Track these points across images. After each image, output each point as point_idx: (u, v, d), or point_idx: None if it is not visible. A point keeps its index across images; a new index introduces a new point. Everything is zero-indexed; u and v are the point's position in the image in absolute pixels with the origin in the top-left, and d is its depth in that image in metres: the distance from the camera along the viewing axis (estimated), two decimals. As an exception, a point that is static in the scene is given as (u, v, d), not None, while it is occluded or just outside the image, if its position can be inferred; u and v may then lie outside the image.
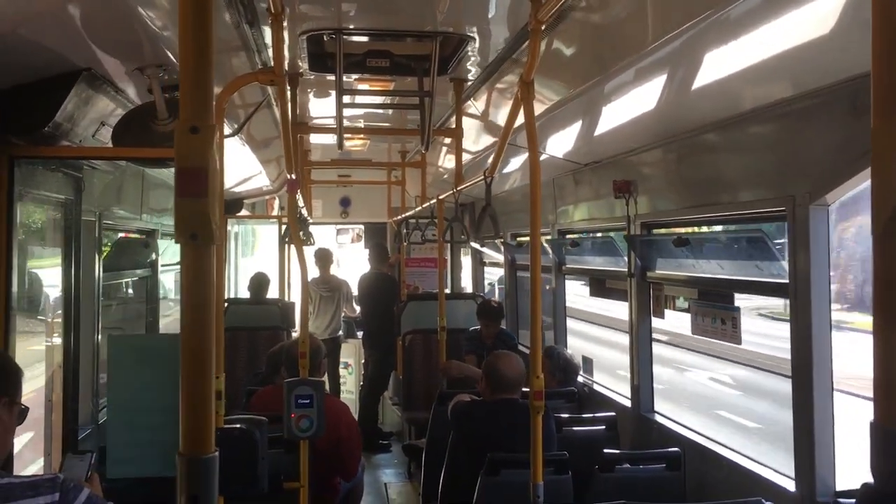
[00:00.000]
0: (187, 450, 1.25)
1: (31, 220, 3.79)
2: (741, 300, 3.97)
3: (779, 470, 3.56)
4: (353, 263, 12.28)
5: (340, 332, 9.44)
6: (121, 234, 5.52)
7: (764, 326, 13.01)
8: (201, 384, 1.23)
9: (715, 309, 3.98)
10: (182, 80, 1.21)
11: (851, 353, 3.91)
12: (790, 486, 3.34)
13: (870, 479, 1.22)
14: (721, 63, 3.15)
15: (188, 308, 1.23)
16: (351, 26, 3.79)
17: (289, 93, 4.37)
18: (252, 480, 3.15)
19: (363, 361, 9.32)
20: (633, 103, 3.94)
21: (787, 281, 3.33)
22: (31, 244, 3.82)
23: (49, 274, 4.10)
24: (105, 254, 4.77)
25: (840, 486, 3.17)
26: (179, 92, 1.22)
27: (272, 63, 3.67)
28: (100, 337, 4.50)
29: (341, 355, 9.60)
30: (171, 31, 2.93)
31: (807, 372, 3.19)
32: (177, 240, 1.21)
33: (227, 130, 4.10)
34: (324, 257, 9.41)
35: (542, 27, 2.94)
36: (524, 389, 5.06)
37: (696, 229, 4.44)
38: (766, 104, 3.34)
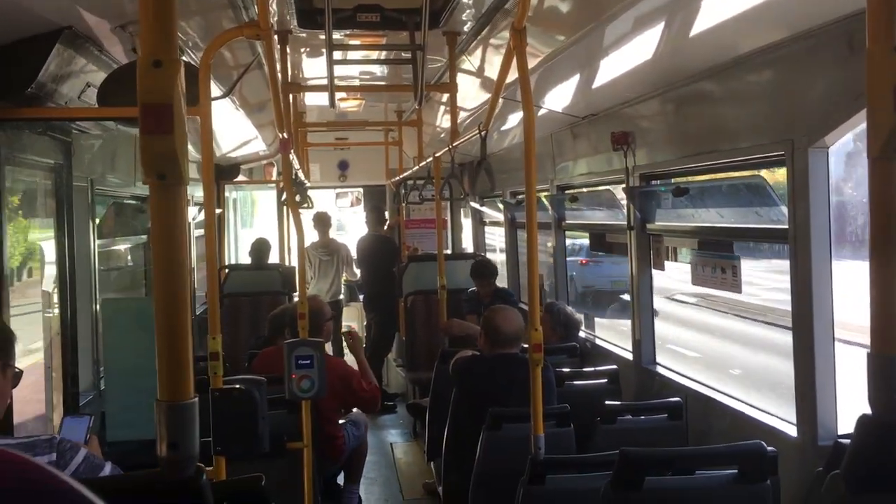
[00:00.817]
0: (165, 396, 1.22)
1: (22, 185, 3.74)
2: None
3: (781, 416, 3.55)
4: (356, 226, 12.21)
5: (342, 296, 9.44)
6: (115, 200, 5.47)
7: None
8: (176, 325, 1.20)
9: (715, 258, 3.94)
10: (141, 9, 1.16)
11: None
12: (792, 431, 3.34)
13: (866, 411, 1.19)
14: (717, 8, 3.09)
15: (159, 249, 1.19)
16: (339, -22, 3.71)
17: (278, 51, 4.30)
18: (252, 440, 3.14)
19: (365, 324, 9.33)
20: (630, 53, 3.87)
21: (786, 227, 3.29)
22: (23, 210, 3.79)
23: (41, 241, 4.08)
24: (99, 220, 4.74)
25: (842, 430, 3.17)
26: (140, 24, 1.17)
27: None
28: (97, 304, 4.48)
29: (343, 319, 9.61)
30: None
31: (807, 317, 3.17)
32: (145, 180, 1.17)
33: (217, 92, 4.03)
34: (322, 221, 9.38)
35: (534, -29, 2.87)
36: (524, 345, 5.06)
37: (694, 178, 4.38)
38: (762, 47, 3.27)
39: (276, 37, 4.01)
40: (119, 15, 3.02)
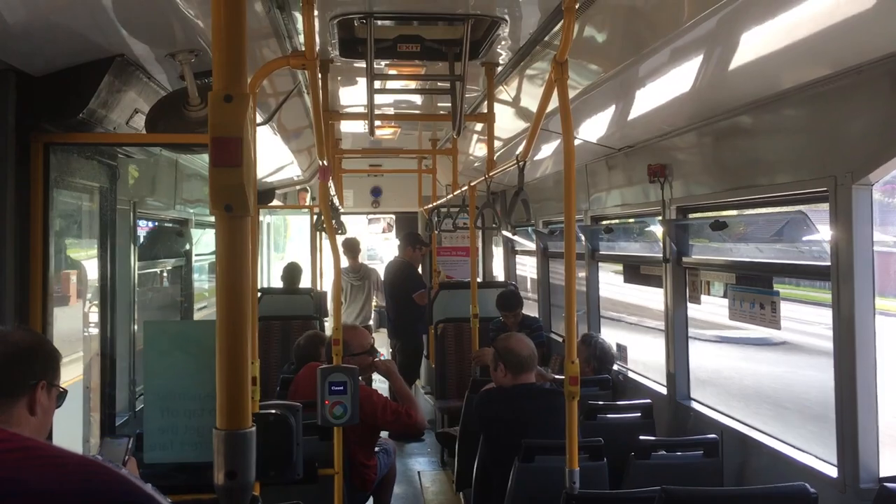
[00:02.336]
0: (224, 425, 1.23)
1: (68, 207, 3.82)
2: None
3: (820, 456, 3.49)
4: (389, 253, 12.26)
5: (371, 322, 9.48)
6: (155, 223, 5.56)
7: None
8: (238, 357, 1.22)
9: (753, 293, 3.90)
10: (214, 48, 1.19)
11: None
12: (832, 472, 3.27)
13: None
14: (758, 42, 3.08)
15: (224, 280, 1.21)
16: (381, 10, 3.76)
17: (319, 79, 4.36)
18: (288, 466, 3.15)
19: (390, 351, 9.34)
20: (667, 85, 3.87)
21: (828, 264, 3.25)
22: (68, 231, 3.86)
23: (85, 262, 4.15)
24: (140, 242, 4.81)
25: (884, 471, 3.10)
26: (212, 60, 1.20)
27: (303, 49, 3.68)
28: (136, 325, 4.54)
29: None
30: (202, 16, 2.93)
31: (850, 356, 3.12)
32: (211, 211, 1.20)
33: (258, 119, 4.10)
34: (352, 246, 9.45)
35: (576, 5, 2.89)
36: (559, 377, 5.03)
37: (732, 213, 4.36)
38: (805, 83, 3.26)
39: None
40: (169, 44, 3.09)
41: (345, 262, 9.29)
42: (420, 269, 9.22)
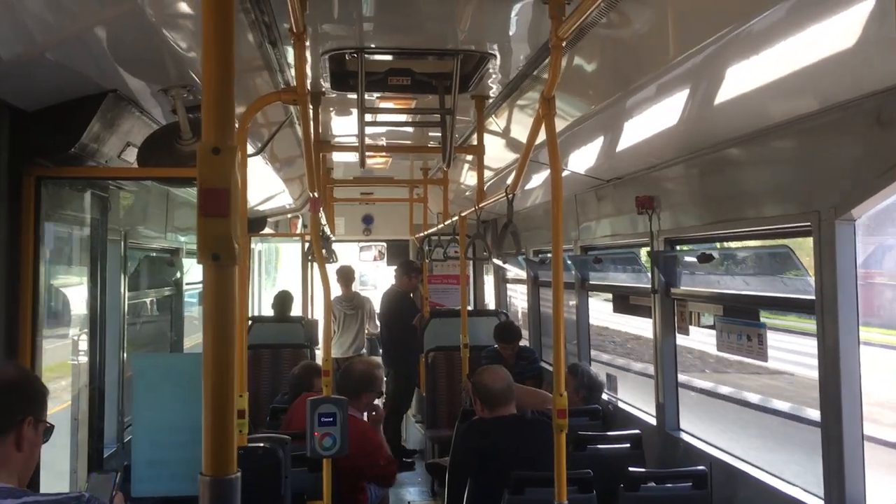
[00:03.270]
0: (209, 470, 1.25)
1: (58, 239, 3.83)
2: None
3: (807, 489, 3.50)
4: (382, 280, 12.23)
5: (364, 351, 9.46)
6: (146, 253, 5.57)
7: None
8: (223, 405, 1.23)
9: (740, 325, 3.93)
10: (204, 101, 1.22)
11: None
12: (819, 504, 3.29)
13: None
14: (744, 77, 3.13)
15: (210, 328, 1.23)
16: (373, 45, 3.82)
17: (311, 112, 4.41)
18: (275, 499, 3.15)
19: (385, 379, 9.31)
20: (655, 119, 3.92)
21: (813, 297, 3.29)
22: (58, 263, 3.87)
23: (75, 293, 4.15)
24: (130, 272, 4.82)
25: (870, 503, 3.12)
26: (202, 113, 1.23)
27: (294, 83, 3.72)
28: (125, 355, 4.53)
29: None
30: (196, 51, 2.96)
31: (835, 389, 3.14)
32: (199, 260, 1.22)
33: (250, 150, 4.13)
34: (346, 275, 9.45)
35: (563, 44, 2.94)
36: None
37: (720, 245, 4.40)
38: (790, 118, 3.31)
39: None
40: (162, 79, 3.13)
41: (338, 291, 9.30)
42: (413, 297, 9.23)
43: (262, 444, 3.19)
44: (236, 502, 1.26)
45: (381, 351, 9.57)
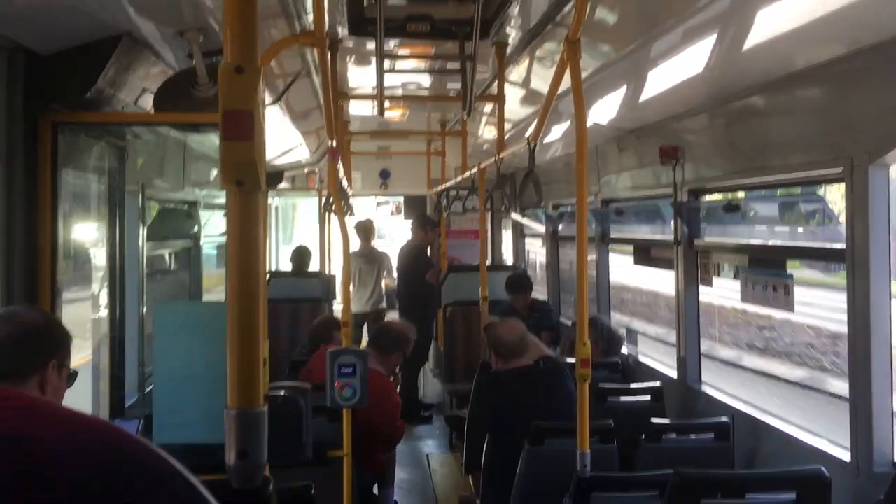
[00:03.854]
0: (236, 403, 1.21)
1: (76, 189, 3.80)
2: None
3: (834, 440, 3.46)
4: (399, 234, 12.17)
5: (384, 304, 9.43)
6: (164, 205, 5.55)
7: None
8: (250, 336, 1.20)
9: (766, 276, 3.86)
10: (225, 19, 1.16)
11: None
12: (845, 456, 3.25)
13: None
14: (772, 22, 3.03)
15: (235, 257, 1.19)
16: (392, -11, 3.73)
17: (329, 59, 4.33)
18: (297, 447, 3.15)
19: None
20: (680, 66, 3.81)
21: (843, 246, 3.22)
22: (76, 213, 3.84)
23: (93, 243, 4.14)
24: (148, 225, 4.80)
25: (898, 457, 3.08)
26: (223, 31, 1.17)
27: (312, 29, 3.64)
28: (145, 307, 4.53)
29: None
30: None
31: (865, 340, 3.09)
32: (222, 185, 1.17)
33: (267, 99, 4.07)
34: (365, 229, 9.36)
35: (590, -17, 2.85)
36: (570, 360, 5.02)
37: (745, 195, 4.31)
38: (821, 63, 3.19)
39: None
40: (177, 22, 3.06)
41: (356, 246, 9.25)
42: (429, 252, 9.21)
43: (282, 393, 3.18)
44: (263, 436, 1.23)
45: (397, 305, 9.57)
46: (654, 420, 3.87)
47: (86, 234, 4.06)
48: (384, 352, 4.77)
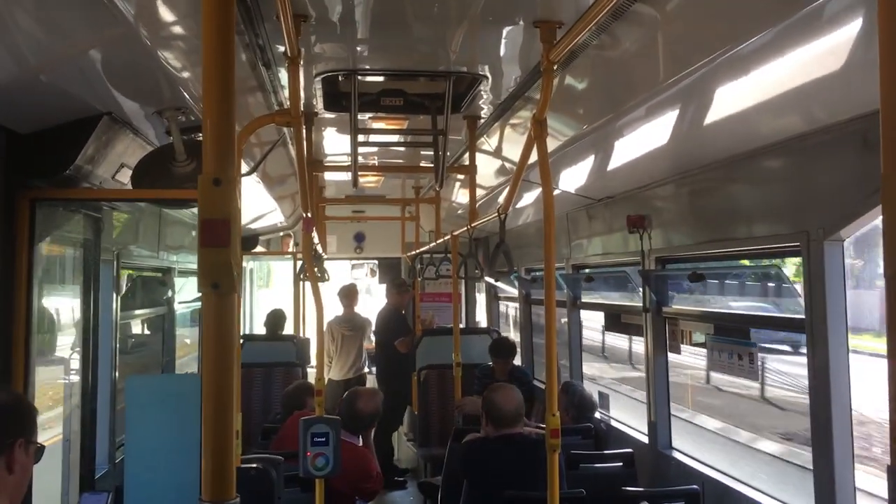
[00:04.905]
0: (209, 495, 1.25)
1: (51, 260, 3.83)
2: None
3: (800, 508, 3.51)
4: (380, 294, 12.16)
5: (365, 370, 9.34)
6: (138, 273, 5.56)
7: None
8: (222, 430, 1.24)
9: (732, 344, 3.96)
10: (205, 133, 1.24)
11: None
12: (812, 526, 3.30)
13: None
14: (733, 99, 3.18)
15: (209, 355, 1.24)
16: (366, 67, 3.85)
17: (304, 132, 4.43)
18: (268, 520, 3.14)
19: None
20: (645, 139, 3.96)
21: (803, 316, 3.32)
22: (51, 284, 3.86)
23: (67, 313, 4.14)
24: (122, 292, 4.81)
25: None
26: (203, 146, 1.25)
27: (288, 104, 3.74)
28: (117, 375, 4.52)
29: None
30: (190, 74, 2.98)
31: (825, 407, 3.17)
32: (199, 289, 1.23)
33: (242, 170, 4.14)
34: (349, 294, 9.26)
35: (555, 67, 2.98)
36: (541, 426, 5.04)
37: (711, 264, 4.43)
38: (779, 140, 3.35)
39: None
40: (157, 101, 3.15)
41: (338, 310, 9.22)
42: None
43: (255, 465, 3.19)
44: (236, 527, 1.27)
45: (373, 369, 9.53)
46: (626, 488, 3.90)
47: (60, 305, 4.07)
48: (358, 431, 4.74)
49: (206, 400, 1.24)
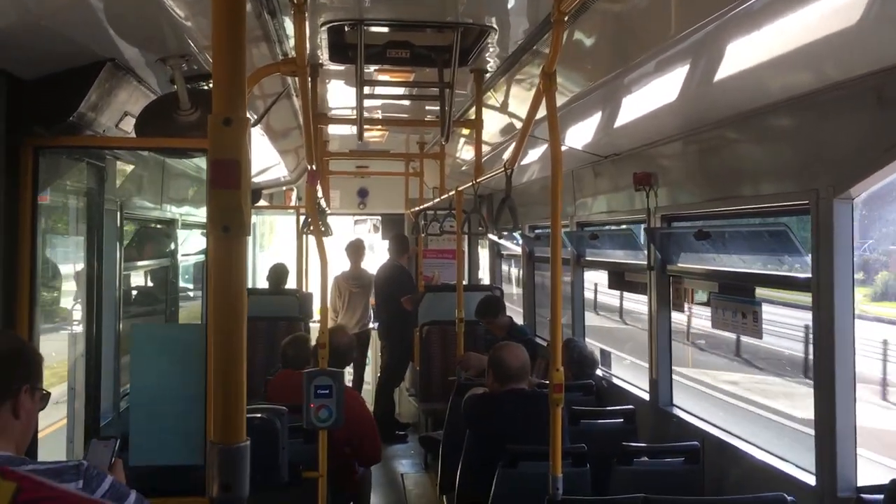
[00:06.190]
0: (219, 438, 1.26)
1: (55, 209, 3.82)
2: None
3: (799, 465, 3.54)
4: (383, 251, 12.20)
5: (371, 325, 9.39)
6: (142, 224, 5.55)
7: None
8: (233, 374, 1.24)
9: (735, 303, 3.95)
10: (215, 72, 1.22)
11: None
12: (811, 480, 3.32)
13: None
14: (744, 55, 3.13)
15: (218, 300, 1.23)
16: (372, 17, 3.79)
17: (309, 83, 4.38)
18: (273, 470, 3.18)
19: (380, 352, 9.35)
20: (654, 95, 3.91)
21: (809, 275, 3.31)
22: (55, 233, 3.85)
23: (71, 263, 4.14)
24: (126, 243, 4.81)
25: (861, 481, 3.16)
26: (212, 84, 1.22)
27: (293, 54, 3.69)
28: (121, 325, 4.54)
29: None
30: (194, 21, 2.94)
31: (829, 366, 3.17)
32: (209, 231, 1.22)
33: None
34: (356, 249, 9.24)
35: (565, 18, 2.93)
36: (539, 381, 5.07)
37: (716, 222, 4.41)
38: (790, 96, 3.30)
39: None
40: (160, 49, 3.10)
41: (345, 266, 9.24)
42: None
43: (259, 416, 3.21)
44: (246, 470, 1.27)
45: (376, 325, 9.57)
46: (626, 443, 3.94)
47: (64, 254, 4.07)
48: (341, 366, 4.75)
49: (215, 345, 1.23)
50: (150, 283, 5.85)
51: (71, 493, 1.91)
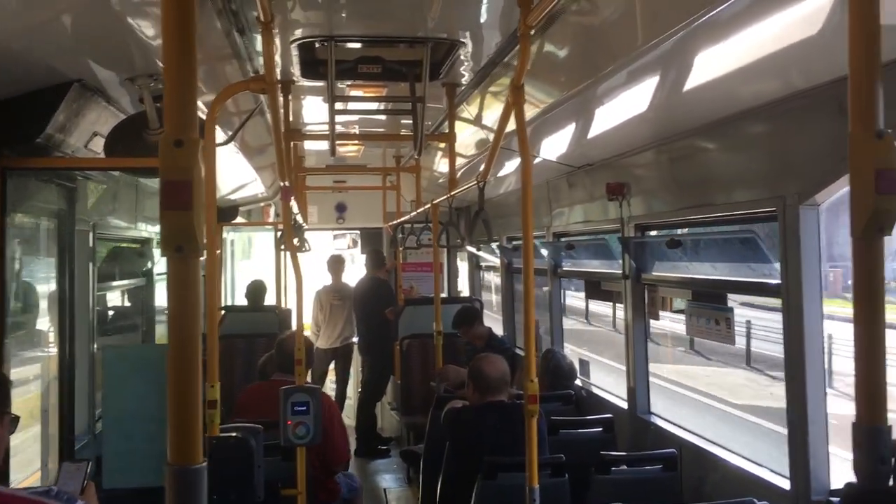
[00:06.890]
0: (175, 460, 1.25)
1: (25, 231, 3.78)
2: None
3: (775, 470, 3.56)
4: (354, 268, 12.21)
5: (353, 339, 9.38)
6: (116, 244, 5.51)
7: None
8: (187, 395, 1.24)
9: (709, 310, 3.99)
10: (166, 93, 1.22)
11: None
12: (785, 485, 3.35)
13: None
14: (712, 64, 3.17)
15: (174, 320, 1.24)
16: (342, 33, 3.80)
17: (281, 100, 4.38)
18: (248, 489, 3.16)
19: (360, 367, 9.33)
20: (625, 105, 3.95)
21: (779, 281, 3.34)
22: (26, 255, 3.82)
23: (43, 285, 4.11)
24: (100, 263, 4.77)
25: (835, 484, 3.19)
26: (164, 105, 1.23)
27: (263, 71, 3.69)
28: (96, 347, 4.50)
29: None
30: (161, 40, 2.94)
31: (800, 370, 3.20)
32: (162, 252, 1.22)
33: (220, 138, 4.10)
34: (336, 264, 9.31)
35: (532, 32, 2.95)
36: (518, 391, 5.08)
37: (689, 231, 4.45)
38: (757, 105, 3.35)
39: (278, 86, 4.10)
40: (128, 68, 3.10)
41: (326, 280, 9.26)
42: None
43: (234, 434, 3.19)
44: (202, 492, 1.27)
45: (355, 339, 9.55)
46: (604, 452, 3.95)
47: (36, 276, 4.03)
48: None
49: (171, 365, 1.23)
50: (125, 303, 5.80)
51: None
